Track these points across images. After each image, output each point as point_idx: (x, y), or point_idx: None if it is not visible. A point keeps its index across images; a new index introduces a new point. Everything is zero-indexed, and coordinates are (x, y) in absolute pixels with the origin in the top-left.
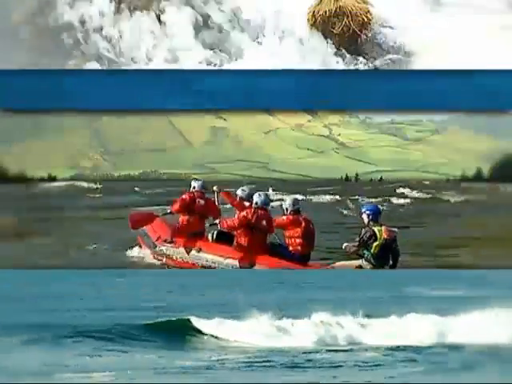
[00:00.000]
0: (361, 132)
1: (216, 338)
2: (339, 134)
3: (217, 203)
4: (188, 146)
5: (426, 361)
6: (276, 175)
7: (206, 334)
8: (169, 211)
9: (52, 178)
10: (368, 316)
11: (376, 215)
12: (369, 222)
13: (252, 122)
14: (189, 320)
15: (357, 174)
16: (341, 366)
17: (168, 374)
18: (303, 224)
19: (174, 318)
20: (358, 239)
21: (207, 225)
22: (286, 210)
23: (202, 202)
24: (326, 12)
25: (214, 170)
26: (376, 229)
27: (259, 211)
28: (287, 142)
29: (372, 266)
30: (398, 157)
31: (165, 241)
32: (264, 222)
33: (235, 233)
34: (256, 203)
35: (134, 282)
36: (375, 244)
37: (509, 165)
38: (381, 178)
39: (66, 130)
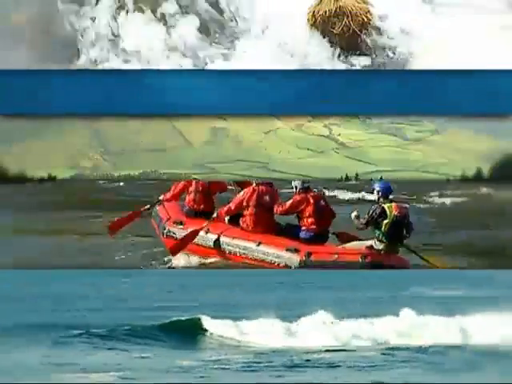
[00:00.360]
0: (361, 132)
1: (221, 337)
2: (339, 134)
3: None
4: (188, 146)
5: (425, 361)
6: (276, 175)
7: (212, 334)
8: (157, 201)
9: (52, 178)
10: (368, 316)
11: (386, 192)
12: (379, 198)
13: (252, 122)
14: (199, 319)
15: (357, 174)
16: (341, 366)
17: (168, 373)
18: (312, 201)
19: (183, 318)
20: (366, 216)
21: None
22: (296, 187)
23: None
24: (325, 12)
25: (214, 170)
26: (386, 206)
27: (260, 187)
28: (287, 142)
29: (385, 245)
30: (397, 157)
31: (174, 222)
32: (267, 198)
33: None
34: (257, 179)
35: (138, 282)
36: (385, 222)
37: (509, 165)
38: (381, 178)
39: (66, 130)
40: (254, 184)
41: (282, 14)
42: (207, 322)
